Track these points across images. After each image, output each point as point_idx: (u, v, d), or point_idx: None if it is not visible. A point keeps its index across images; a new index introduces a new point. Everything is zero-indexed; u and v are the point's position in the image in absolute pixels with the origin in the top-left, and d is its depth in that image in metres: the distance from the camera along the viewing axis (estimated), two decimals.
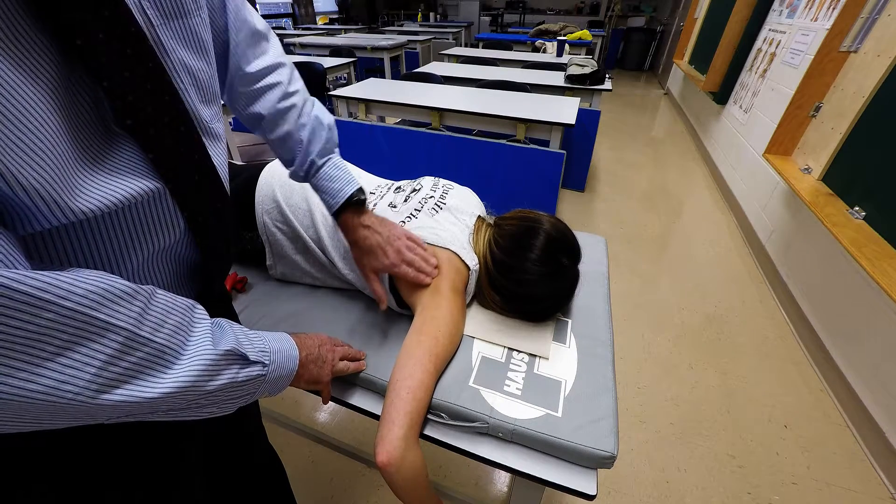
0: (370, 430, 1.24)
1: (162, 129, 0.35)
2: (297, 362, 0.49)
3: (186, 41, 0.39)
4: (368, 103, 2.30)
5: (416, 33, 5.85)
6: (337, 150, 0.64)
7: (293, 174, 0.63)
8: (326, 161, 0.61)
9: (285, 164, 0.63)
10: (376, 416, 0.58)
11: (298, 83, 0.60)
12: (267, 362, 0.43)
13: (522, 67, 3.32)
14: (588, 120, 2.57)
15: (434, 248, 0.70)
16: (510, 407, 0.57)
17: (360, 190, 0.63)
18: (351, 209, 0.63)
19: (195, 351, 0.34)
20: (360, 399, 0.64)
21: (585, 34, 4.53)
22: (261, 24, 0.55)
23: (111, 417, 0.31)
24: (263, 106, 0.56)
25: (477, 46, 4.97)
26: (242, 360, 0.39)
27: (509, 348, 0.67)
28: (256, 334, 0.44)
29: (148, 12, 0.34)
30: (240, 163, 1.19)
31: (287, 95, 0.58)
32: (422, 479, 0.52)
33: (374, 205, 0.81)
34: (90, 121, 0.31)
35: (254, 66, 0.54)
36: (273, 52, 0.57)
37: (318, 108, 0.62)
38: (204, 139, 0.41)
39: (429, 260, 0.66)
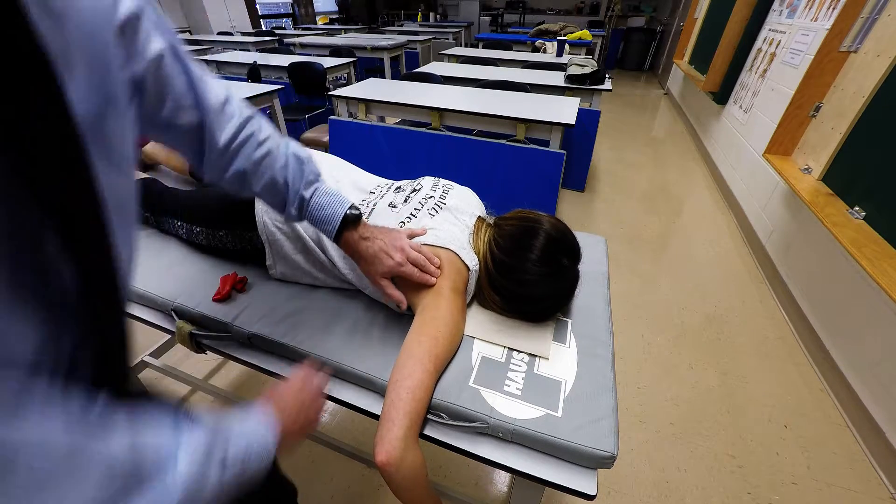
0: (370, 430, 1.24)
1: (77, 217, 0.31)
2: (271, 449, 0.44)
3: (107, 157, 0.33)
4: (368, 103, 2.30)
5: (416, 33, 5.85)
6: (320, 178, 0.63)
7: (288, 216, 0.62)
8: (314, 192, 0.61)
9: (279, 211, 0.62)
10: (376, 416, 0.58)
11: (268, 129, 0.60)
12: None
13: (522, 67, 3.32)
14: (588, 120, 2.57)
15: (434, 248, 0.70)
16: (510, 407, 0.57)
17: (353, 207, 0.63)
18: (349, 227, 0.62)
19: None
20: (360, 399, 0.64)
21: (585, 34, 4.53)
22: (223, 90, 0.54)
23: None
24: (243, 161, 0.56)
25: (477, 46, 4.97)
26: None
27: (509, 348, 0.67)
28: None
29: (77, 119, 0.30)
30: None
31: (261, 143, 0.57)
32: (421, 478, 0.52)
33: (374, 204, 0.81)
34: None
35: (226, 134, 0.54)
36: (238, 111, 0.56)
37: (292, 147, 0.62)
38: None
39: (432, 259, 0.66)
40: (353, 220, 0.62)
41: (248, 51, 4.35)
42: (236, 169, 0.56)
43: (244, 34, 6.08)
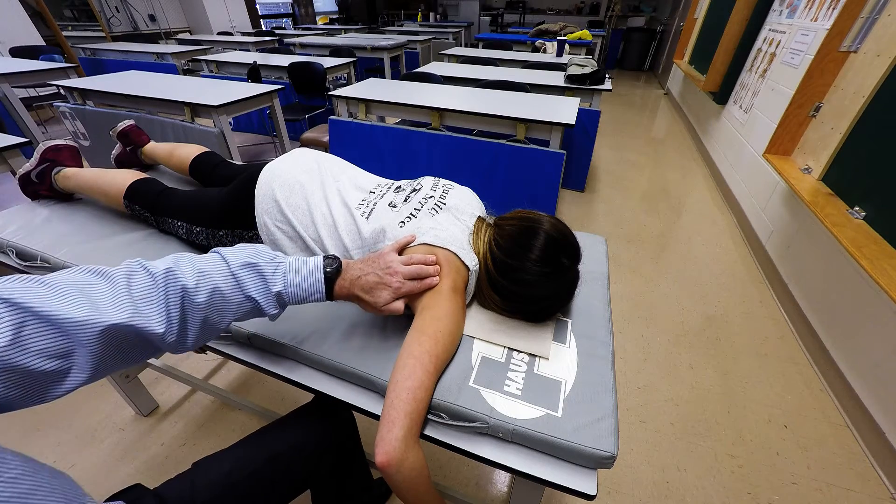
0: (371, 430, 1.24)
1: None
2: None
3: None
4: (368, 103, 2.30)
5: (416, 33, 5.86)
6: (276, 260, 0.57)
7: (273, 317, 0.58)
8: (283, 280, 0.56)
9: (260, 316, 0.58)
10: (376, 417, 0.58)
11: (193, 270, 0.50)
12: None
13: (522, 67, 3.32)
14: (588, 120, 2.57)
15: (433, 248, 0.70)
16: (510, 407, 0.57)
17: (326, 260, 0.60)
18: (337, 281, 0.60)
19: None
20: (360, 399, 0.64)
21: (585, 34, 4.53)
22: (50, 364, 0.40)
23: None
24: (194, 323, 0.50)
25: (477, 46, 4.97)
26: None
27: (509, 348, 0.67)
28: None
29: None
30: (239, 163, 1.19)
31: (196, 291, 0.50)
32: (422, 479, 0.52)
33: (375, 204, 0.81)
34: None
35: (158, 322, 0.46)
36: (156, 286, 0.47)
37: (231, 258, 0.54)
38: None
39: (428, 260, 0.66)
40: (334, 273, 0.60)
41: (249, 51, 4.36)
42: (194, 332, 0.51)
43: (244, 34, 6.09)
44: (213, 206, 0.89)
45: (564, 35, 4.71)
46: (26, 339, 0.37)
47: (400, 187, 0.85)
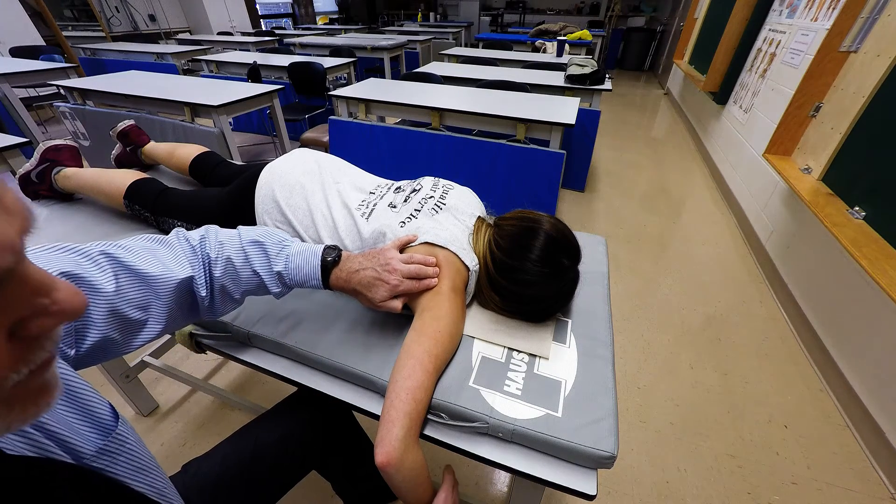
0: (371, 430, 1.24)
1: None
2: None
3: None
4: (368, 103, 2.30)
5: (416, 33, 5.86)
6: (284, 242, 0.61)
7: (276, 295, 0.62)
8: (286, 260, 0.59)
9: (265, 294, 0.62)
10: (376, 417, 0.58)
11: (216, 240, 0.57)
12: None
13: (522, 67, 3.32)
14: (588, 120, 2.57)
15: (433, 248, 0.70)
16: (510, 407, 0.57)
17: (326, 250, 0.62)
18: (332, 270, 0.62)
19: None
20: (360, 399, 0.64)
21: (585, 34, 4.53)
22: (136, 313, 0.47)
23: None
24: (218, 288, 0.57)
25: (477, 46, 4.97)
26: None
27: (509, 348, 0.67)
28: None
29: None
30: (239, 163, 1.19)
31: (216, 261, 0.56)
32: (422, 478, 0.52)
33: (374, 205, 0.81)
34: None
35: (203, 287, 0.55)
36: (192, 248, 0.56)
37: (244, 235, 0.59)
38: None
39: (427, 261, 0.66)
40: (332, 263, 0.62)
41: (249, 51, 4.36)
42: (218, 297, 0.58)
43: (244, 34, 6.09)
44: (213, 206, 0.89)
45: (564, 35, 4.71)
46: (123, 288, 0.46)
47: (400, 188, 0.85)
